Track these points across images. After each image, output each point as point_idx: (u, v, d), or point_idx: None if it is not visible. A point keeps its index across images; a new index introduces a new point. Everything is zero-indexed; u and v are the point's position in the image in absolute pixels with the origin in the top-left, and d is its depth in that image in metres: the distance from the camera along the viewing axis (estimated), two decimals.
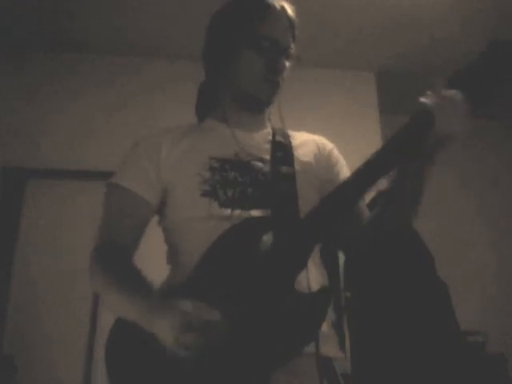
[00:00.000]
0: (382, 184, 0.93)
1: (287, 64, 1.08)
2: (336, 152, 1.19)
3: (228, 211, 0.98)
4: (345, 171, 1.15)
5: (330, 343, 0.96)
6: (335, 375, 0.93)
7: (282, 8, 1.09)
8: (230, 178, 1.02)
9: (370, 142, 3.04)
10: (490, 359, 2.62)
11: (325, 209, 0.92)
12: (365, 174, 0.91)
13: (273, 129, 1.18)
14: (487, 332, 2.76)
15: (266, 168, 1.05)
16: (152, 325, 0.83)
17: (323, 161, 1.14)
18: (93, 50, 3.00)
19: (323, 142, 1.20)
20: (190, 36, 1.17)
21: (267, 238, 0.93)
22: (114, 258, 0.99)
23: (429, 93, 0.86)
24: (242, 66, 1.07)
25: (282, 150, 1.10)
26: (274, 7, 1.08)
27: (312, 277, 0.94)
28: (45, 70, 3.00)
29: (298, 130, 1.22)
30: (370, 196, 1.06)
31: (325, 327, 0.94)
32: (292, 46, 1.10)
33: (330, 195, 0.94)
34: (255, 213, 0.98)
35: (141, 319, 0.86)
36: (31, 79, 2.96)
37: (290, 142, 1.13)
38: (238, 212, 0.98)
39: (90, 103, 2.95)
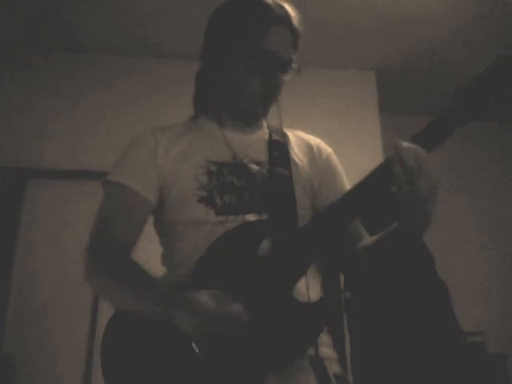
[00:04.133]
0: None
1: (285, 78, 1.04)
2: (334, 159, 1.16)
3: (223, 218, 0.97)
4: (343, 182, 1.13)
5: (322, 344, 0.95)
6: (327, 376, 0.92)
7: (286, 17, 1.02)
8: (227, 183, 1.00)
9: (370, 141, 3.04)
10: (490, 359, 2.63)
11: (326, 219, 0.91)
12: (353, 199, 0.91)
13: (269, 128, 1.16)
14: (487, 332, 2.77)
15: (263, 170, 1.04)
16: (172, 316, 0.85)
17: (320, 168, 1.12)
18: (93, 50, 3.00)
19: (320, 146, 1.17)
20: (190, 36, 1.16)
21: (265, 244, 0.92)
22: (116, 257, 0.99)
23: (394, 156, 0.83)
24: (237, 79, 1.04)
25: (279, 150, 1.08)
26: (276, 17, 1.00)
27: (311, 284, 0.94)
28: (45, 70, 2.99)
29: (297, 129, 1.21)
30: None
31: None
32: (293, 58, 1.04)
33: (332, 205, 0.93)
34: (250, 217, 0.97)
35: (158, 310, 0.87)
36: (31, 79, 2.96)
37: (287, 143, 1.11)
38: (233, 218, 0.97)
39: (90, 103, 2.95)
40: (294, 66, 1.05)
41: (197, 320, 0.82)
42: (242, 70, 1.03)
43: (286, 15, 1.03)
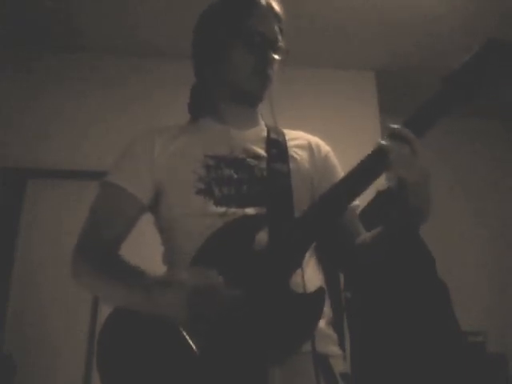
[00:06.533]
0: (382, 184, 0.93)
1: (276, 57, 1.09)
2: (332, 156, 1.18)
3: (223, 209, 0.98)
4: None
5: (326, 341, 0.96)
6: (332, 373, 0.93)
7: (268, 2, 1.11)
8: (226, 176, 1.02)
9: (370, 141, 3.03)
10: (490, 359, 2.63)
11: (319, 209, 0.92)
12: (354, 180, 0.91)
13: (267, 126, 1.17)
14: (487, 332, 2.77)
15: (262, 165, 1.05)
16: (159, 302, 0.85)
17: (319, 164, 1.13)
18: (93, 50, 3.00)
19: (319, 144, 1.18)
20: (190, 36, 1.17)
21: (262, 237, 0.93)
22: (101, 254, 1.01)
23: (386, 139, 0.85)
24: (231, 62, 1.08)
25: (277, 147, 1.10)
26: (260, 2, 1.10)
27: (307, 276, 0.94)
28: (45, 70, 3.00)
29: (297, 129, 1.21)
30: (366, 198, 1.06)
31: (322, 325, 0.94)
32: (280, 38, 1.11)
33: (324, 195, 0.93)
34: (250, 210, 0.98)
35: (146, 300, 0.87)
36: (31, 79, 2.96)
37: (285, 140, 1.13)
38: (233, 210, 0.97)
39: (90, 103, 2.95)
40: (282, 45, 1.10)
41: (182, 297, 0.82)
42: (234, 52, 1.08)
43: (268, 1, 1.12)
